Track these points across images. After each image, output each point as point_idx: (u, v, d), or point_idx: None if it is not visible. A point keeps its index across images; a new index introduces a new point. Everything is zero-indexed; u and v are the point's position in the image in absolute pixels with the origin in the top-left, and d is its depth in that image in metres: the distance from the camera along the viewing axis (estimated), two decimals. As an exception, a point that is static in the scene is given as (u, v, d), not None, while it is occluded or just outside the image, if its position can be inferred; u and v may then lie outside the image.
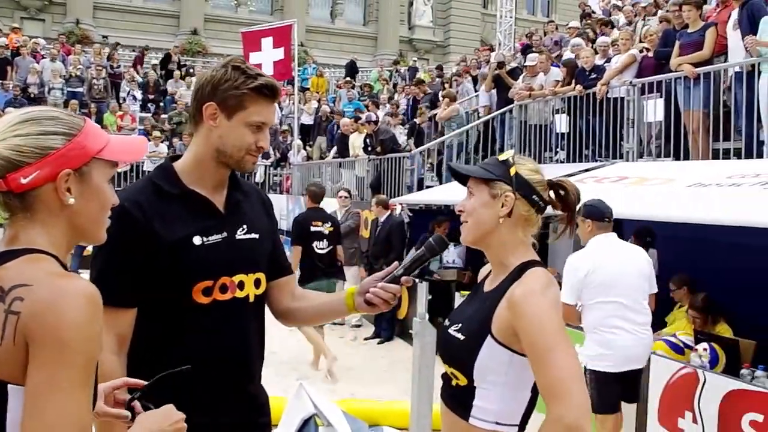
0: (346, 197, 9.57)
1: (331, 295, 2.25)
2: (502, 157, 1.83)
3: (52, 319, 1.13)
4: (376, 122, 11.64)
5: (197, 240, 1.86)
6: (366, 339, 8.76)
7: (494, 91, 10.82)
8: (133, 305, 1.82)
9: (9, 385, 1.15)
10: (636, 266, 4.30)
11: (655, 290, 4.47)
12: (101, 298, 1.20)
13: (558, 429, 1.56)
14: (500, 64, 10.81)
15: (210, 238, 1.88)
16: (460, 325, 1.82)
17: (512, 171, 1.80)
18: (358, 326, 9.30)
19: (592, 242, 4.29)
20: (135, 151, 1.40)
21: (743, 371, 4.39)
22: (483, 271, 2.01)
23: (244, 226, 1.96)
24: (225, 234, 1.91)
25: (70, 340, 1.13)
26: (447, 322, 1.90)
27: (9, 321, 1.14)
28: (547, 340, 1.62)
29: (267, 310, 2.10)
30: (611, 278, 4.19)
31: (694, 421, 4.29)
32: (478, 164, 1.89)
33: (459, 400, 1.78)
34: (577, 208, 1.89)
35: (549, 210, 1.86)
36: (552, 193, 1.85)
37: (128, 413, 1.46)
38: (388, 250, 8.56)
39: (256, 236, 1.99)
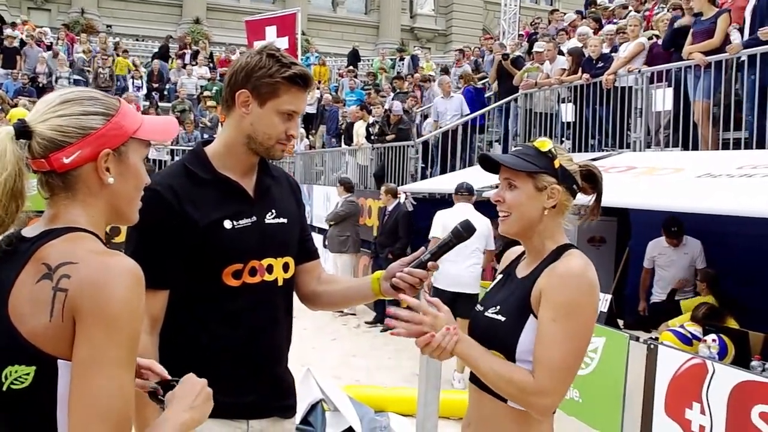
0: (339, 186, 9.81)
1: (357, 279, 2.29)
2: (542, 147, 1.82)
3: (99, 296, 1.16)
4: (402, 113, 11.51)
5: (227, 224, 1.89)
6: (367, 323, 8.77)
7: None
8: (166, 287, 1.85)
9: (59, 361, 1.17)
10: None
11: (491, 248, 6.66)
12: (144, 277, 1.22)
13: (536, 402, 1.67)
14: (505, 56, 10.73)
15: (240, 222, 1.91)
16: (497, 307, 1.82)
17: (557, 163, 1.81)
18: (352, 314, 9.33)
19: (457, 205, 6.66)
20: (167, 131, 1.41)
21: (754, 363, 4.38)
22: (510, 255, 2.01)
23: (273, 211, 1.99)
24: (254, 218, 1.94)
25: (117, 317, 1.16)
26: (480, 307, 1.90)
27: (57, 298, 1.16)
28: (574, 325, 1.68)
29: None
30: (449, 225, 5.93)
31: (702, 412, 4.27)
32: (514, 153, 1.87)
33: None
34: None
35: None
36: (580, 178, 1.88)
37: (156, 385, 1.45)
38: (395, 239, 8.54)
39: (285, 221, 2.01)
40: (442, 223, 6.56)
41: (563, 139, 8.99)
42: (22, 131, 1.24)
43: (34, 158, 1.25)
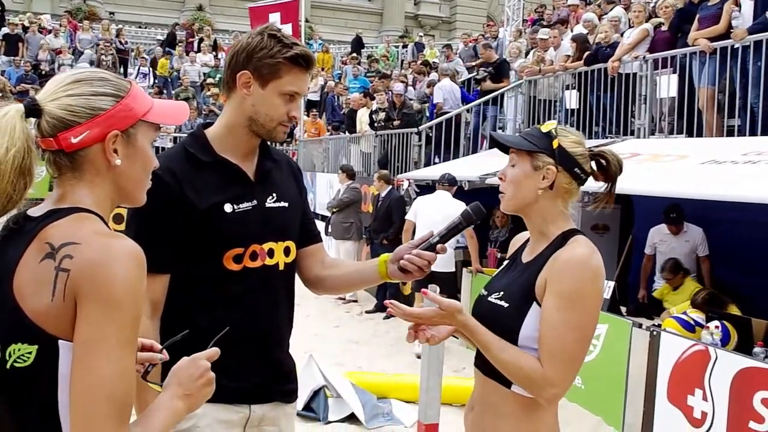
0: (340, 173, 9.88)
1: (362, 263, 2.25)
2: (544, 128, 1.82)
3: (101, 276, 1.17)
4: (401, 94, 11.44)
5: (228, 207, 1.88)
6: (368, 312, 8.78)
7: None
8: (167, 271, 1.85)
9: (60, 341, 1.18)
10: (445, 210, 6.40)
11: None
12: (145, 259, 1.23)
13: (546, 391, 1.69)
14: (476, 81, 10.71)
15: (240, 205, 1.90)
16: (501, 293, 1.82)
17: (555, 144, 1.79)
18: (354, 301, 9.35)
19: (436, 193, 7.26)
20: (177, 115, 1.42)
21: (756, 349, 4.39)
22: (516, 241, 2.01)
23: (274, 195, 1.98)
24: (255, 202, 1.93)
25: (119, 298, 1.17)
26: (484, 292, 1.90)
27: (59, 278, 1.17)
28: (579, 314, 1.68)
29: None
30: (429, 212, 6.96)
31: (705, 398, 4.28)
32: (521, 134, 1.90)
33: None
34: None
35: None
36: (593, 164, 1.85)
37: (162, 356, 1.48)
38: (388, 225, 8.56)
39: (286, 204, 2.01)
40: (416, 209, 7.31)
41: (567, 125, 8.95)
42: (32, 110, 1.25)
43: (43, 137, 1.26)
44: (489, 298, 1.84)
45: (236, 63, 1.88)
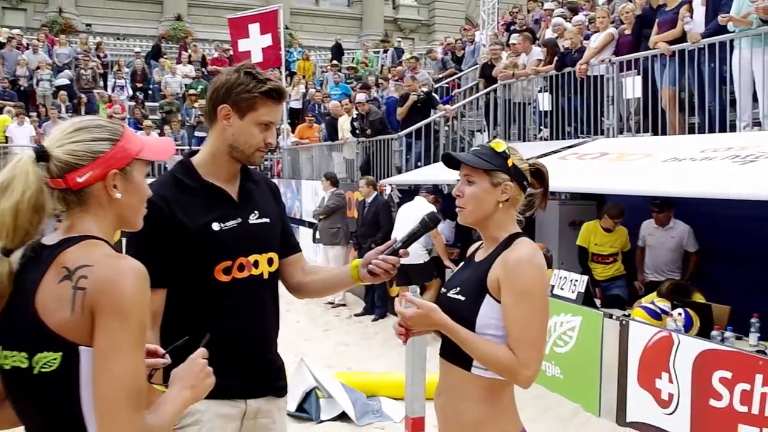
0: (324, 180, 10.09)
1: (338, 268, 2.52)
2: (498, 148, 2.06)
3: (112, 292, 1.38)
4: (367, 102, 11.64)
5: (216, 226, 2.12)
6: (356, 315, 8.99)
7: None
8: (164, 285, 2.07)
9: (80, 347, 1.40)
10: (417, 212, 6.94)
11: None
12: (148, 274, 1.45)
13: (522, 374, 1.92)
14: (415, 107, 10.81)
15: (227, 224, 2.14)
16: (458, 288, 2.08)
17: (510, 162, 2.05)
18: (343, 305, 9.58)
19: (415, 199, 8.17)
20: (165, 151, 1.64)
21: (714, 333, 4.67)
22: (473, 248, 2.27)
23: (256, 212, 2.22)
24: (240, 220, 2.17)
25: (129, 309, 1.39)
26: (443, 289, 2.17)
27: (77, 295, 1.39)
28: (535, 305, 1.94)
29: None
30: (404, 218, 7.69)
31: (671, 381, 4.57)
32: (473, 152, 2.11)
33: (462, 354, 2.00)
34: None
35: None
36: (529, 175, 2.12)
37: (165, 360, 1.69)
38: (376, 229, 8.79)
39: (267, 220, 2.25)
40: (397, 217, 8.21)
41: (541, 127, 9.28)
42: (41, 155, 1.46)
43: (52, 178, 1.47)
44: (448, 294, 2.09)
45: (217, 97, 2.13)
